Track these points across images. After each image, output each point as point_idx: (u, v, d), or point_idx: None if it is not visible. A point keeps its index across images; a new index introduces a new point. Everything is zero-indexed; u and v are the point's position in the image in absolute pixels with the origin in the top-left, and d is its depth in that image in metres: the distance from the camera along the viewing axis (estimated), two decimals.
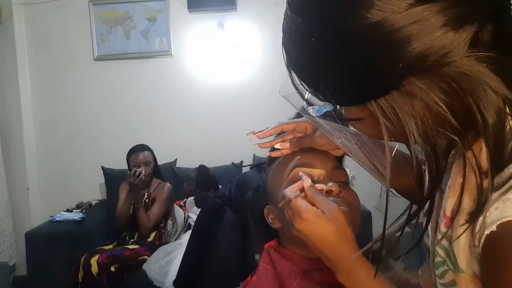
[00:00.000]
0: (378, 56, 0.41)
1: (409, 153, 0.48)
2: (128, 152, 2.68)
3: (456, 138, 0.45)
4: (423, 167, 0.51)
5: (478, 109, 0.42)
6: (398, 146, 0.61)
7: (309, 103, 0.56)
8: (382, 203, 0.54)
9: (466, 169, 0.48)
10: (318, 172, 0.74)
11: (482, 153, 0.46)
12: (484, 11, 0.40)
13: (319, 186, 0.69)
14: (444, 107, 0.42)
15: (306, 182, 0.68)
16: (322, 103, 0.53)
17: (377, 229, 2.47)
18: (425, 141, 0.45)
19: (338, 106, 0.54)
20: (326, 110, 0.54)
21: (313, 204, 0.64)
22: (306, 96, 0.55)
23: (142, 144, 2.73)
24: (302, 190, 0.67)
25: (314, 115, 0.56)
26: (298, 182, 0.68)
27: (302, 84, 0.52)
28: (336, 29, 0.42)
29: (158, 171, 2.77)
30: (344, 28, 0.41)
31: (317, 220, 0.62)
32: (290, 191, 0.67)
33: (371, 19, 0.39)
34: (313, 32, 0.44)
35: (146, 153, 2.68)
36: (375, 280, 0.59)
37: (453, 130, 0.44)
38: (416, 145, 0.46)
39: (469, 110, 0.42)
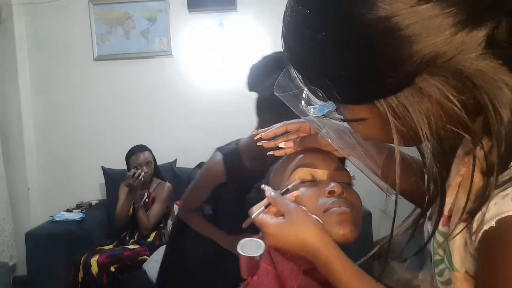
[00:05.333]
0: (392, 51, 0.40)
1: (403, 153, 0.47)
2: (128, 153, 2.68)
3: (467, 136, 0.44)
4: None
5: (493, 107, 0.41)
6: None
7: (308, 103, 0.54)
8: (387, 205, 0.53)
9: (468, 168, 0.47)
10: (321, 172, 0.74)
11: (485, 151, 0.45)
12: (502, 9, 0.39)
13: (293, 194, 0.70)
14: (458, 105, 0.41)
15: (268, 192, 0.70)
16: (322, 102, 0.51)
17: (377, 229, 2.47)
18: (438, 141, 0.44)
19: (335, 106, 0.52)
20: (328, 109, 0.52)
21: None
22: (304, 94, 0.53)
23: (141, 145, 2.73)
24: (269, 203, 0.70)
25: (315, 115, 0.54)
26: (264, 200, 0.70)
27: (302, 82, 0.50)
28: (348, 21, 0.41)
29: (158, 171, 2.78)
30: (357, 20, 0.40)
31: (279, 230, 0.64)
32: (255, 208, 0.69)
33: (383, 11, 0.39)
34: (322, 25, 0.43)
35: (146, 153, 2.68)
36: (350, 270, 0.60)
37: (464, 128, 0.44)
38: (425, 145, 0.45)
39: (480, 108, 0.42)
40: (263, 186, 0.73)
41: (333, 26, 0.42)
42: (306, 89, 0.51)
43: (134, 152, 2.66)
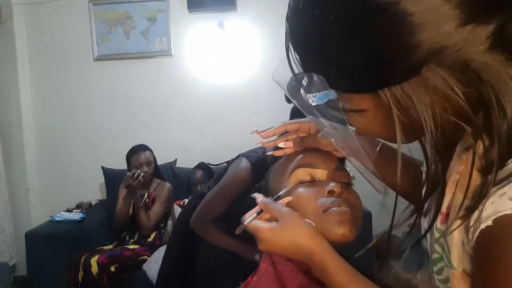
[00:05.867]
0: (401, 38, 0.39)
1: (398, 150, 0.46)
2: (128, 153, 2.68)
3: (469, 128, 0.43)
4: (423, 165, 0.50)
5: (497, 101, 0.40)
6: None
7: (308, 90, 0.52)
8: (385, 198, 0.53)
9: (466, 165, 0.47)
10: (320, 172, 0.74)
11: (485, 147, 0.45)
12: (510, 5, 0.39)
13: (284, 200, 0.70)
14: (463, 98, 0.41)
15: (259, 199, 0.70)
16: (323, 90, 0.49)
17: (377, 229, 2.47)
18: (441, 133, 0.43)
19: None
20: (329, 98, 0.49)
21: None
22: (304, 81, 0.51)
23: (142, 144, 2.73)
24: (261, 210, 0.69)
25: (314, 103, 0.52)
26: (256, 207, 0.70)
27: (304, 68, 0.49)
28: (357, 3, 0.40)
29: (158, 171, 2.78)
30: (367, 3, 0.39)
31: (273, 235, 0.64)
32: (248, 215, 0.69)
33: None
34: (331, 7, 0.42)
35: (147, 153, 2.68)
36: (346, 271, 0.60)
37: (466, 122, 0.43)
38: (424, 139, 0.44)
39: (482, 103, 0.41)
40: (254, 194, 0.73)
41: (343, 8, 0.42)
42: (306, 76, 0.50)
43: (135, 151, 2.66)
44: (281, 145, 0.80)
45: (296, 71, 0.51)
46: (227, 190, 1.51)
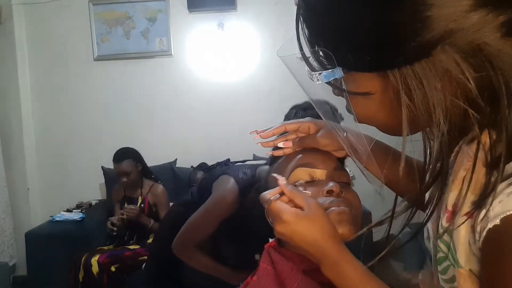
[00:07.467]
0: (417, 11, 0.38)
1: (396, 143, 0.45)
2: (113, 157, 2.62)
3: (478, 116, 0.42)
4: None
5: (507, 90, 0.39)
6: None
7: (313, 68, 0.50)
8: (382, 188, 0.52)
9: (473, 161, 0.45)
10: (319, 172, 0.74)
11: (492, 139, 0.43)
12: None
13: (307, 192, 0.69)
14: (473, 84, 0.40)
15: (282, 181, 0.67)
16: (330, 67, 0.47)
17: (377, 229, 2.46)
18: (449, 124, 0.42)
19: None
20: (335, 77, 0.47)
21: (292, 202, 0.64)
22: (311, 58, 0.49)
23: (121, 152, 2.61)
24: (282, 193, 0.66)
25: (319, 81, 0.50)
26: (277, 188, 0.67)
27: (313, 45, 0.47)
28: None
29: (147, 172, 2.71)
30: None
31: (297, 220, 0.61)
32: (270, 194, 0.66)
33: None
34: None
35: (123, 163, 2.55)
36: (360, 273, 0.59)
37: (475, 111, 0.42)
38: (432, 128, 0.43)
39: (492, 91, 0.40)
40: (276, 174, 0.71)
41: None
42: (312, 53, 0.48)
43: (114, 159, 2.59)
44: (280, 145, 0.80)
45: (304, 49, 0.49)
46: (212, 214, 1.42)
